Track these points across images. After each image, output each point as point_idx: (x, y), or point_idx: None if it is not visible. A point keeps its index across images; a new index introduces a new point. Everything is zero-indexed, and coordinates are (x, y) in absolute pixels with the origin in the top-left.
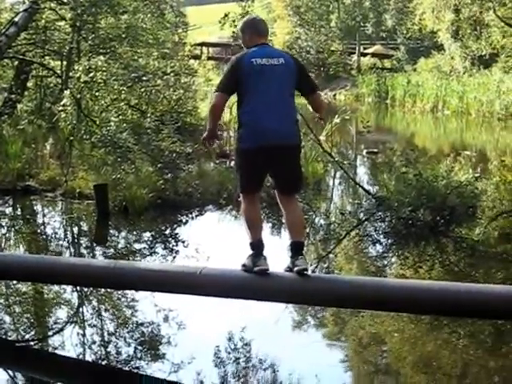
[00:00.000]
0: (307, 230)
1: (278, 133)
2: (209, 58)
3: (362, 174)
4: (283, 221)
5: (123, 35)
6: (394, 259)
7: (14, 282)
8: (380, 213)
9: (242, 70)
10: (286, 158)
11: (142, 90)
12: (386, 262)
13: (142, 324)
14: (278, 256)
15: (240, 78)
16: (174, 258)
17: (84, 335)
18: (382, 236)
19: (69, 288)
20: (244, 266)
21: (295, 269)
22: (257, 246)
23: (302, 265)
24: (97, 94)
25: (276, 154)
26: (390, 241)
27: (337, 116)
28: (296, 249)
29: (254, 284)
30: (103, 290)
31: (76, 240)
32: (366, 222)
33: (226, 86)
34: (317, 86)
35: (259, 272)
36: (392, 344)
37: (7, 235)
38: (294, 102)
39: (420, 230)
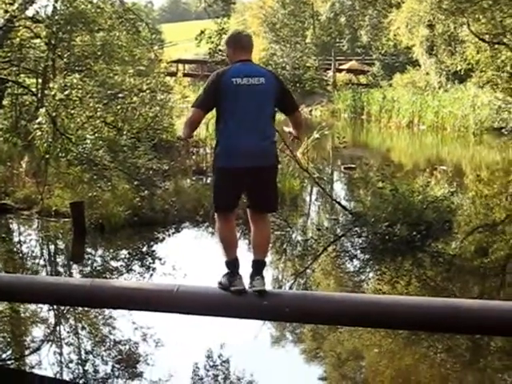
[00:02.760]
0: (284, 246)
1: (254, 154)
2: (185, 75)
3: (339, 189)
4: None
5: (99, 53)
6: (370, 274)
7: None
8: (357, 228)
9: (222, 89)
10: (262, 179)
11: (118, 107)
12: (363, 278)
13: (119, 342)
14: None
15: (219, 97)
16: (151, 275)
17: (61, 354)
18: (358, 251)
19: (45, 307)
20: (220, 284)
21: (253, 289)
22: (232, 265)
23: (259, 286)
24: (72, 111)
25: (251, 174)
26: (366, 256)
27: (315, 132)
28: (257, 267)
29: (230, 302)
30: (80, 308)
31: (52, 258)
32: (342, 238)
33: (204, 103)
34: (297, 106)
35: (236, 292)
36: (370, 359)
37: None
38: (273, 122)
39: (397, 245)
